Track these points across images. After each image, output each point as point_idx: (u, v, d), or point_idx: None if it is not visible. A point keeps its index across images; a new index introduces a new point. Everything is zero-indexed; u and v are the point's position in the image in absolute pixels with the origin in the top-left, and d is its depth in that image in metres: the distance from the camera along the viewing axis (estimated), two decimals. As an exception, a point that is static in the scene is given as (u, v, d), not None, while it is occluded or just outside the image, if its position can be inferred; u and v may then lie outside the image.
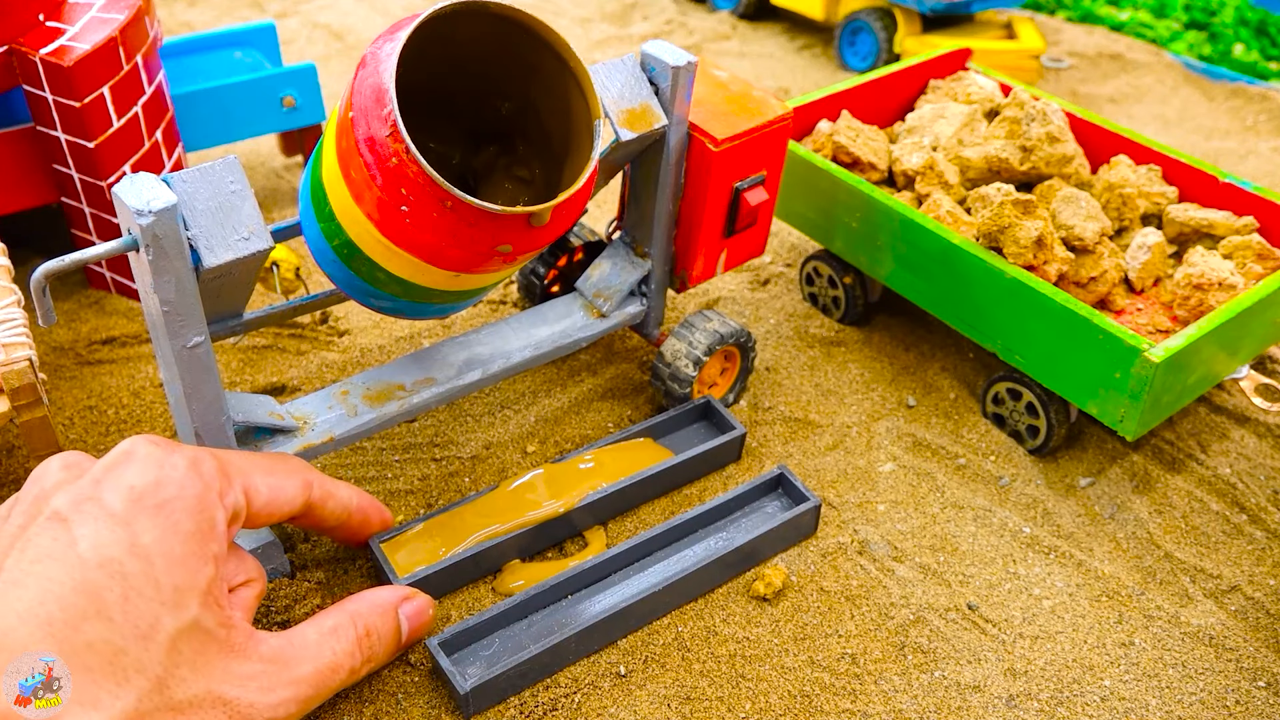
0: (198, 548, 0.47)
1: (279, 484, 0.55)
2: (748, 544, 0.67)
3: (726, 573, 0.67)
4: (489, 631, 0.62)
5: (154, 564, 0.45)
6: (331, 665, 0.53)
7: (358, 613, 0.56)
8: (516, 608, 0.63)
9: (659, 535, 0.68)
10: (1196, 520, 0.75)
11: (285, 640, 0.52)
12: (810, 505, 0.70)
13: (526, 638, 0.62)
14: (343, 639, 0.54)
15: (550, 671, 0.61)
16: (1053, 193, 0.84)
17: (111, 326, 0.85)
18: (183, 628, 0.46)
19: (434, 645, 0.60)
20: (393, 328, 0.87)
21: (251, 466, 0.54)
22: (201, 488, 0.49)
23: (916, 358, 0.88)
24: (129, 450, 0.49)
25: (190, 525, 0.47)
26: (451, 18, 0.55)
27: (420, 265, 0.56)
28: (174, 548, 0.46)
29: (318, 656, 0.52)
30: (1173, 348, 0.68)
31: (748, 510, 0.71)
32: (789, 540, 0.70)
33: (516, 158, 0.66)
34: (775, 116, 0.72)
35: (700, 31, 1.46)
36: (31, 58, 0.76)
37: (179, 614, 0.46)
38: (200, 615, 0.47)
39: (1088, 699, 0.63)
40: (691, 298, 0.92)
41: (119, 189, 0.51)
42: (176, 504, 0.47)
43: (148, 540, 0.46)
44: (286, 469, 0.56)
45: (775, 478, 0.72)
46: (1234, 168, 1.20)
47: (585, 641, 0.62)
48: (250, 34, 1.04)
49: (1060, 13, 1.61)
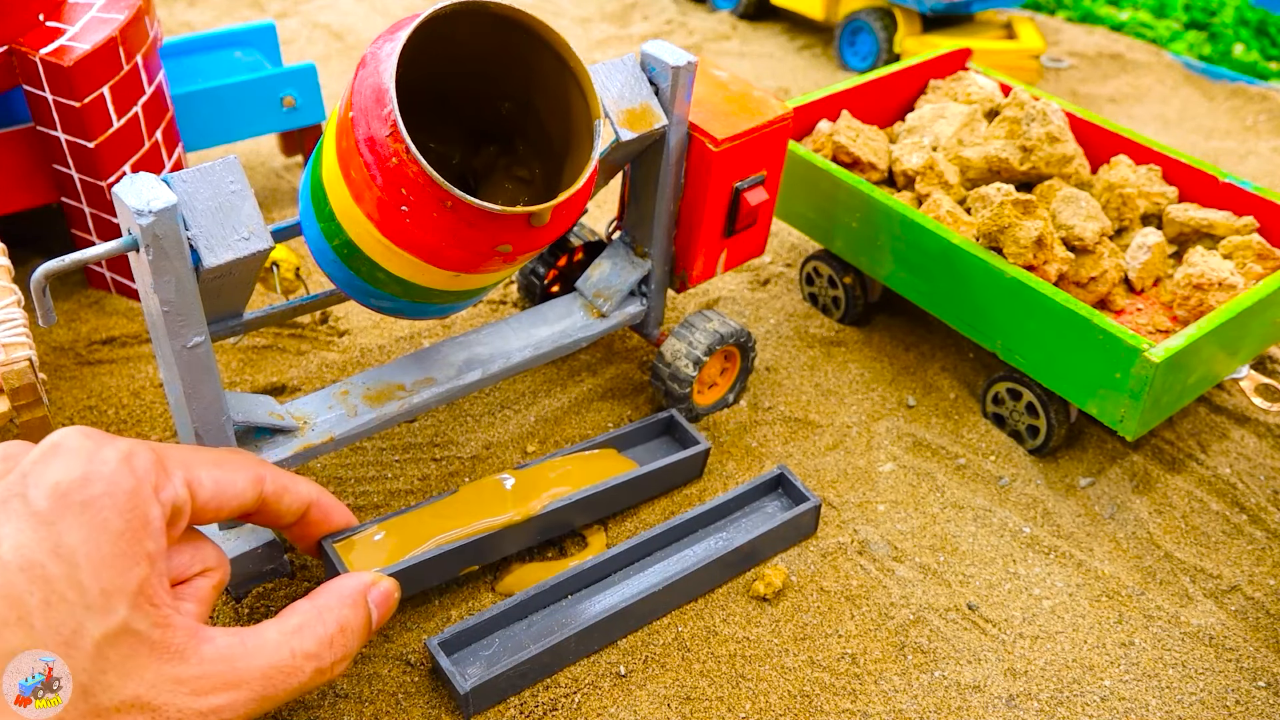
0: (127, 547, 0.45)
1: (226, 477, 0.52)
2: (748, 544, 0.67)
3: (726, 573, 0.67)
4: (489, 631, 0.62)
5: (78, 566, 0.43)
6: (287, 666, 0.50)
7: (326, 607, 0.53)
8: (516, 608, 0.63)
9: (659, 535, 0.68)
10: (1196, 520, 0.75)
11: (238, 639, 0.49)
12: (810, 505, 0.70)
13: (526, 638, 0.62)
14: (307, 637, 0.51)
15: (550, 671, 0.61)
16: (1053, 193, 0.84)
17: (111, 326, 0.85)
18: (109, 632, 0.44)
19: (434, 645, 0.60)
20: (393, 328, 0.87)
21: (196, 459, 0.51)
22: (133, 483, 0.46)
23: (916, 358, 0.88)
24: (57, 443, 0.46)
25: (119, 523, 0.45)
26: (451, 18, 0.55)
27: (420, 265, 0.56)
28: (100, 548, 0.44)
29: (272, 656, 0.49)
30: (1173, 348, 0.68)
31: (748, 510, 0.71)
32: (789, 540, 0.70)
33: (516, 158, 0.66)
34: (775, 116, 0.72)
35: (700, 31, 1.46)
36: (31, 58, 0.76)
37: (105, 618, 0.44)
38: (129, 618, 0.44)
39: (1088, 699, 0.63)
40: (691, 298, 0.92)
41: (119, 189, 0.51)
42: (104, 501, 0.45)
43: (72, 540, 0.43)
44: (236, 462, 0.53)
45: (775, 478, 0.72)
46: (1234, 168, 1.20)
47: (585, 641, 0.62)
48: (250, 34, 1.04)
49: (1060, 13, 1.61)
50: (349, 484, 0.73)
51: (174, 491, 0.49)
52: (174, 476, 0.49)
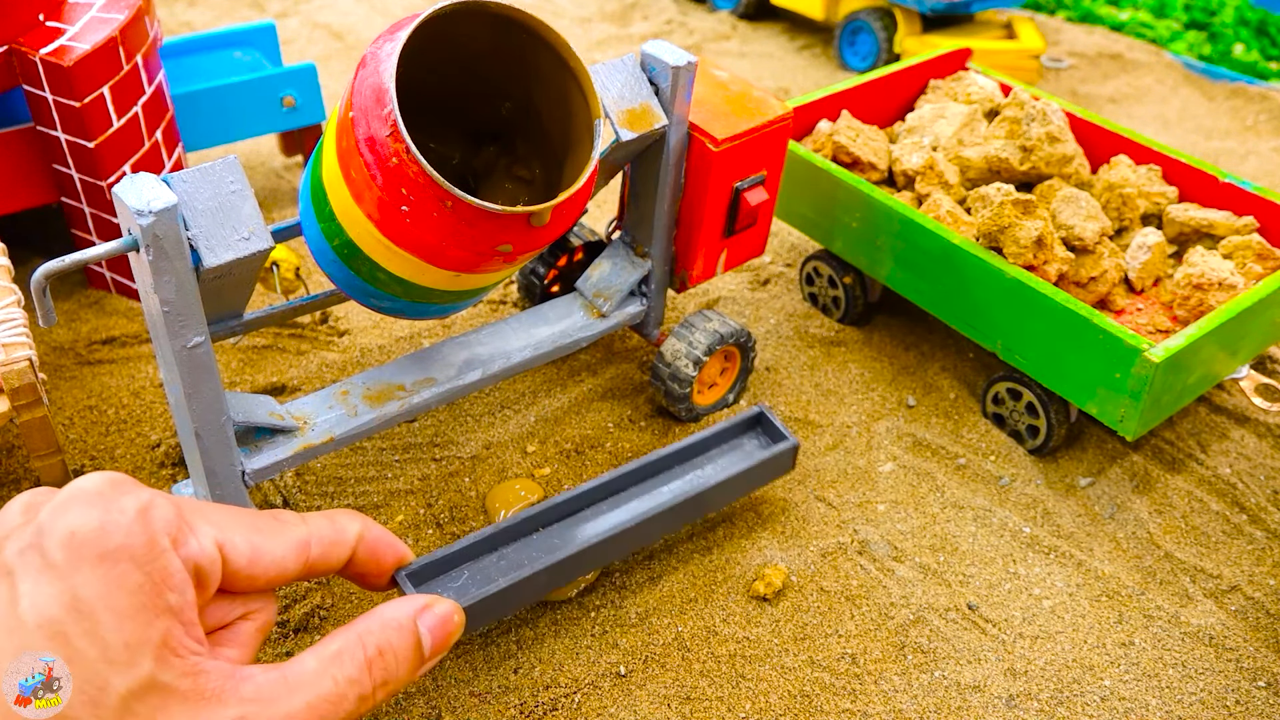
0: (148, 600, 0.43)
1: (265, 544, 0.50)
2: (724, 481, 0.66)
3: (701, 509, 0.67)
4: (458, 563, 0.61)
5: (99, 621, 0.42)
6: (333, 695, 0.48)
7: (368, 631, 0.51)
8: (486, 540, 0.61)
9: (634, 470, 0.67)
10: (1196, 520, 0.75)
11: (279, 674, 0.47)
12: (788, 445, 0.69)
13: (496, 571, 0.61)
14: (348, 664, 0.49)
15: (519, 604, 0.60)
16: (1053, 193, 0.84)
17: (111, 326, 0.85)
18: (135, 687, 0.42)
19: (402, 577, 0.59)
20: (393, 328, 0.87)
21: (231, 521, 0.49)
22: (149, 535, 0.44)
23: (916, 358, 0.88)
24: (79, 489, 0.45)
25: (139, 576, 0.43)
26: (451, 17, 0.54)
27: (420, 265, 0.56)
28: (120, 601, 0.43)
29: (315, 686, 0.48)
30: (1173, 348, 0.68)
31: (725, 449, 0.71)
32: (764, 479, 0.70)
33: (516, 158, 0.66)
34: (775, 116, 0.72)
35: (700, 31, 1.46)
36: (31, 58, 0.76)
37: (130, 672, 0.42)
38: (155, 671, 0.43)
39: (1088, 699, 0.63)
40: (691, 298, 0.92)
41: (119, 189, 0.51)
42: (121, 554, 0.43)
43: (90, 594, 0.42)
44: (276, 528, 0.51)
45: (755, 416, 0.72)
46: (1234, 168, 1.20)
47: (556, 575, 0.61)
48: (250, 34, 1.04)
49: (1060, 13, 1.61)
50: (349, 484, 0.73)
51: (198, 547, 0.47)
52: (199, 532, 0.48)
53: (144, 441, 0.75)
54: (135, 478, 0.71)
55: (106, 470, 0.48)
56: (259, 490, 0.72)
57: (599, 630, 0.64)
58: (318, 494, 0.72)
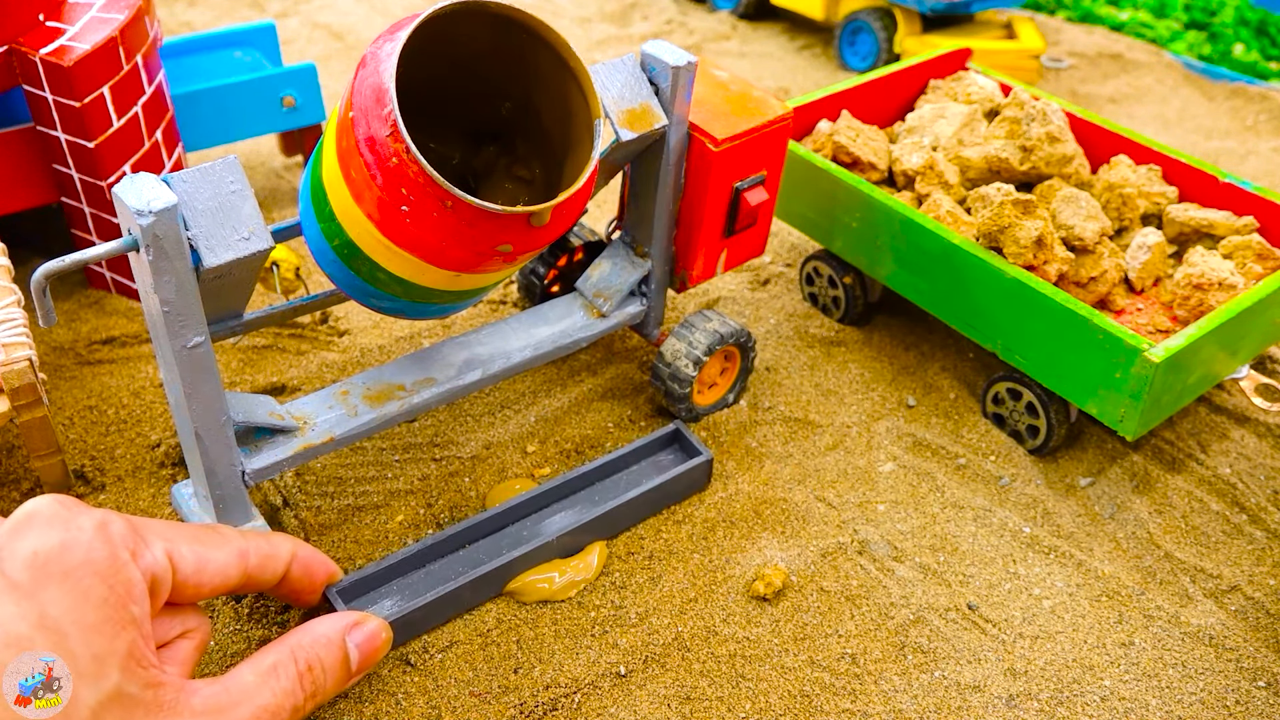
0: (112, 613, 0.45)
1: (208, 554, 0.52)
2: (640, 494, 0.69)
3: (621, 524, 0.70)
4: (387, 579, 0.65)
5: (67, 635, 0.43)
6: (272, 706, 0.51)
7: (299, 645, 0.53)
8: (414, 557, 0.65)
9: (555, 488, 0.70)
10: (1196, 520, 0.75)
11: (221, 687, 0.50)
12: (702, 459, 0.72)
13: (423, 586, 0.65)
14: (283, 677, 0.52)
15: (445, 618, 0.64)
16: (1053, 193, 0.84)
17: (111, 326, 0.85)
18: (104, 698, 0.44)
19: (332, 593, 0.61)
20: (393, 328, 0.87)
21: (176, 534, 0.51)
22: (110, 550, 0.46)
23: (916, 358, 0.88)
24: (32, 512, 0.46)
25: (103, 590, 0.45)
26: (451, 17, 0.55)
27: (420, 265, 0.56)
28: (86, 615, 0.44)
29: (256, 698, 0.50)
30: (1173, 348, 0.68)
31: (644, 465, 0.74)
32: (680, 495, 0.73)
33: (516, 158, 0.67)
34: (775, 116, 0.72)
35: (700, 31, 1.46)
36: (31, 58, 0.76)
37: (99, 684, 0.44)
38: (122, 681, 0.45)
39: (1088, 699, 0.63)
40: (691, 298, 0.92)
41: (119, 189, 0.51)
42: (84, 570, 0.45)
43: (56, 611, 0.44)
44: (217, 539, 0.54)
45: (671, 434, 0.75)
46: (1234, 168, 1.20)
47: (479, 589, 0.64)
48: (250, 34, 1.04)
49: (1060, 13, 1.61)
50: (349, 484, 0.73)
51: (153, 559, 0.49)
52: (153, 545, 0.49)
53: (144, 441, 0.75)
54: (135, 478, 0.72)
55: (49, 493, 0.48)
56: (259, 490, 0.72)
57: (599, 630, 0.64)
58: (318, 494, 0.72)
